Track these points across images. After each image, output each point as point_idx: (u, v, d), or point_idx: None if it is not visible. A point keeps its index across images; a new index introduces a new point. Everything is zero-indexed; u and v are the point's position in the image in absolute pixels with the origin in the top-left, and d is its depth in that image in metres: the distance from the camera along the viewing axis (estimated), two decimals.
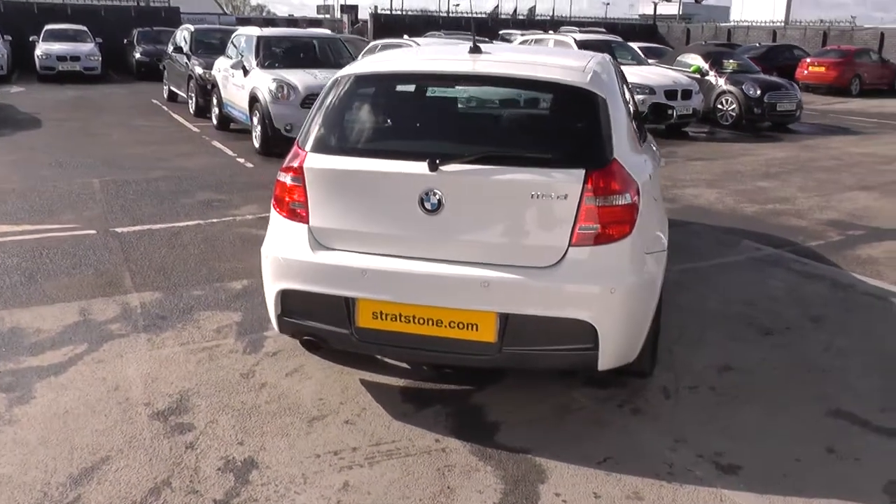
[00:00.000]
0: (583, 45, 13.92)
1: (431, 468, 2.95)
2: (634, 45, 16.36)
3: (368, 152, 3.18)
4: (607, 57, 3.99)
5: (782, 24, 39.07)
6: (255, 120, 9.63)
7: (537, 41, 15.75)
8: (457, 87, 3.65)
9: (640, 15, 61.74)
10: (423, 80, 3.51)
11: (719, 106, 14.47)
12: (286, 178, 3.28)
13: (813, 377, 3.85)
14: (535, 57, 3.87)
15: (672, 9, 55.88)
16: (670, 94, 12.57)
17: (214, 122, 11.65)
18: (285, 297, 3.24)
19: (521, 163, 3.02)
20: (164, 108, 14.39)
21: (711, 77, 15.08)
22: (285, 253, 3.22)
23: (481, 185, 2.98)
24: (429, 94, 3.60)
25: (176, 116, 13.03)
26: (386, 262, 3.06)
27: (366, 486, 2.82)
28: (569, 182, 2.94)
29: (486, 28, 35.08)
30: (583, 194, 2.94)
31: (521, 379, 3.65)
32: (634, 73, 12.43)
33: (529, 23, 40.04)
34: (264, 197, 7.27)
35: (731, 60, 16.17)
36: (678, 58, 17.65)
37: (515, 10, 48.50)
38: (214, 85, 11.49)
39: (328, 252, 3.16)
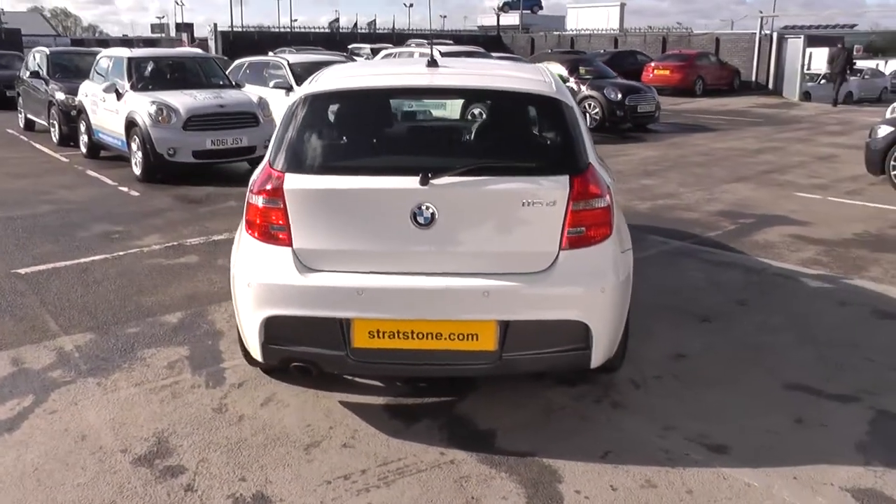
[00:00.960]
0: (446, 55, 14.24)
1: (448, 481, 2.95)
2: (495, 56, 16.94)
3: (352, 169, 3.12)
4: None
5: (616, 31, 41.63)
6: (134, 146, 9.12)
7: (400, 54, 15.91)
8: (428, 101, 3.67)
9: (479, 26, 63.48)
10: (397, 94, 3.50)
11: (583, 111, 15.24)
12: (259, 201, 3.17)
13: (757, 356, 4.17)
14: (494, 69, 3.96)
15: (509, 19, 58.07)
16: None
17: (84, 150, 10.91)
18: (270, 324, 3.12)
19: (509, 172, 3.08)
20: (24, 137, 13.28)
21: (573, 83, 15.82)
22: (268, 278, 3.10)
23: (473, 196, 3.02)
24: (406, 108, 3.59)
25: (39, 146, 12.06)
26: (381, 280, 3.03)
27: None
28: (556, 188, 3.04)
29: (334, 42, 35.02)
30: (569, 199, 3.06)
31: (495, 385, 3.70)
32: None
33: (376, 36, 40.31)
34: (162, 226, 6.94)
35: (588, 67, 17.08)
36: (538, 66, 18.39)
37: (356, 24, 48.63)
38: (81, 111, 10.75)
39: (317, 274, 3.08)
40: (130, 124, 9.04)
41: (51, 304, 4.93)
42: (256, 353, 3.24)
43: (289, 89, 11.44)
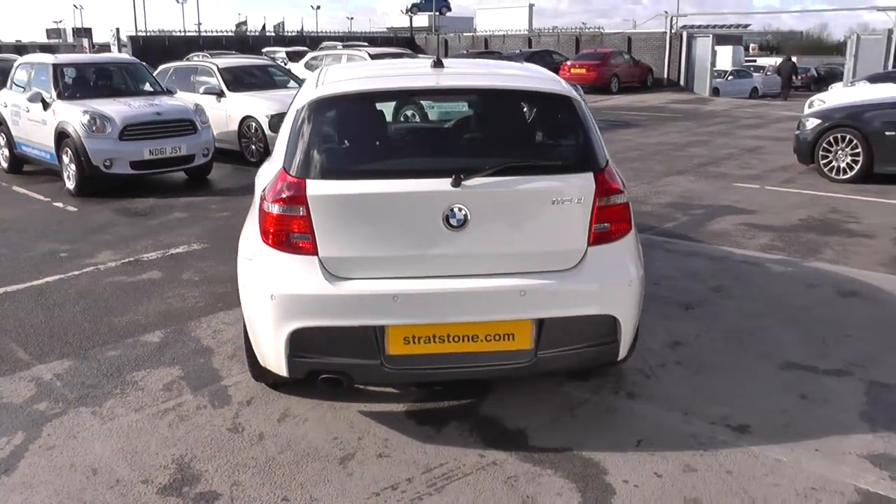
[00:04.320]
0: (376, 57, 14.20)
1: (497, 482, 2.93)
2: (422, 57, 16.98)
3: (379, 173, 3.05)
4: None
5: (529, 31, 42.43)
6: (66, 158, 8.65)
7: (332, 56, 15.70)
8: (446, 102, 3.62)
9: (388, 28, 63.44)
10: (415, 96, 3.44)
11: None
12: (278, 210, 3.05)
13: (747, 339, 4.33)
14: (500, 69, 3.95)
15: (417, 21, 58.32)
16: None
17: (4, 165, 10.27)
18: (297, 336, 3.01)
19: (536, 171, 3.09)
20: None
21: None
22: (295, 289, 2.99)
23: (504, 196, 3.01)
24: (425, 109, 3.54)
25: None
26: (416, 285, 2.98)
27: None
28: (583, 186, 3.07)
29: (247, 46, 34.29)
30: (595, 196, 3.09)
31: (510, 384, 3.70)
32: None
33: (289, 39, 39.71)
34: (112, 242, 6.62)
35: None
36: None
37: (264, 27, 47.75)
38: (1, 122, 10.12)
39: (347, 282, 2.99)
40: (61, 135, 8.56)
41: (13, 331, 4.60)
42: (280, 368, 3.12)
43: (220, 95, 11.14)
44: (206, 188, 9.27)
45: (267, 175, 3.37)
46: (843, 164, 8.75)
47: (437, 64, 3.48)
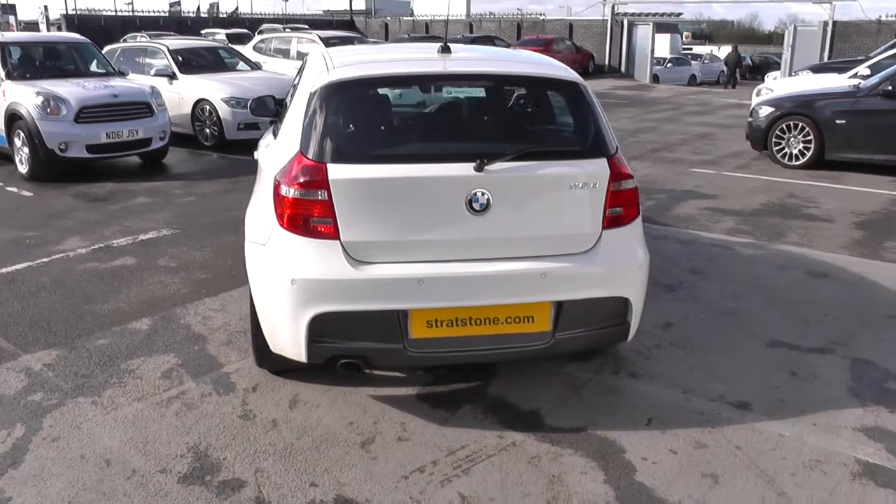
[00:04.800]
0: (328, 42, 14.04)
1: (521, 462, 2.99)
2: (372, 41, 16.85)
3: (401, 157, 3.04)
4: None
5: (463, 16, 42.43)
6: (19, 142, 8.29)
7: (281, 39, 15.42)
8: (459, 87, 3.62)
9: (324, 11, 62.48)
10: (431, 81, 3.43)
11: None
12: (296, 194, 3.01)
13: (732, 319, 4.50)
14: (508, 55, 3.97)
15: (348, 3, 57.65)
16: None
17: None
18: (318, 321, 3.00)
19: (554, 156, 3.14)
20: None
21: None
22: (317, 274, 2.97)
23: (525, 181, 3.05)
24: (445, 95, 3.53)
25: None
26: (440, 268, 3.00)
27: (482, 493, 2.78)
28: (598, 171, 3.14)
29: (186, 27, 33.40)
30: (609, 181, 3.16)
31: (514, 367, 3.77)
32: None
33: (229, 21, 38.81)
34: (77, 228, 6.41)
35: None
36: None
37: (198, 7, 46.50)
38: None
39: (370, 266, 2.99)
40: (12, 118, 8.19)
41: None
42: (299, 354, 3.10)
43: (171, 77, 10.83)
44: (163, 173, 9.02)
45: (276, 158, 3.32)
46: (795, 151, 9.10)
47: (445, 49, 3.48)
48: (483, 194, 2.98)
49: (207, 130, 10.47)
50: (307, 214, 3.00)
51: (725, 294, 4.90)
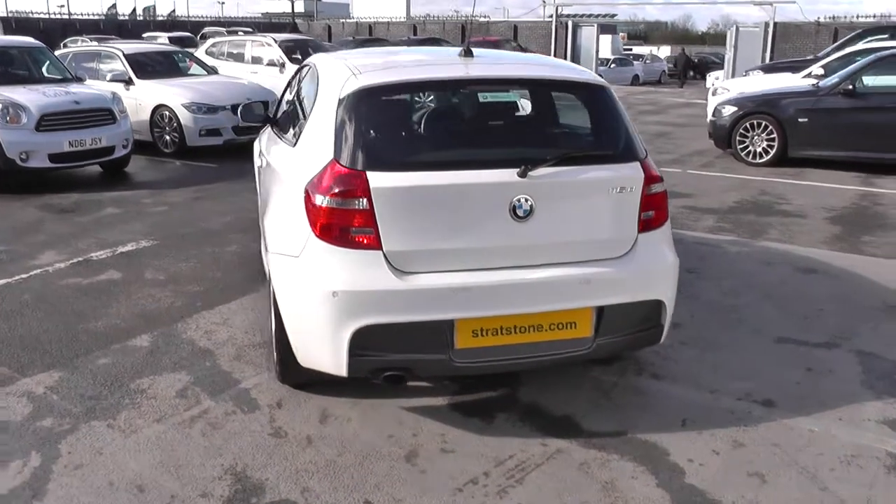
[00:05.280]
0: (285, 45, 13.84)
1: (571, 470, 2.97)
2: (328, 45, 16.68)
3: (443, 164, 2.98)
4: None
5: (404, 18, 42.46)
6: None
7: (235, 44, 15.10)
8: (488, 92, 3.58)
9: (262, 13, 61.77)
10: (463, 86, 3.37)
11: None
12: (335, 203, 2.92)
13: (735, 317, 4.58)
14: (534, 58, 3.95)
15: (287, 6, 57.11)
16: None
17: None
18: (360, 334, 2.92)
19: (592, 161, 3.13)
20: None
21: None
22: (360, 285, 2.89)
23: (567, 186, 3.04)
24: (477, 99, 3.47)
25: None
26: (486, 277, 2.96)
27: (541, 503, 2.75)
28: (634, 175, 3.15)
29: (126, 30, 32.53)
30: (643, 185, 3.18)
31: (536, 372, 3.75)
32: None
33: (171, 24, 37.98)
34: (50, 241, 6.15)
35: None
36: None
37: (134, 10, 45.39)
38: None
39: (415, 276, 2.93)
40: None
41: None
42: (339, 368, 3.01)
43: (128, 82, 10.48)
44: (126, 182, 8.72)
45: (300, 167, 3.23)
46: (759, 149, 9.36)
47: (468, 53, 3.45)
48: (526, 200, 2.95)
49: (167, 137, 10.16)
50: (346, 224, 2.92)
51: (723, 292, 4.99)
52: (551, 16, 33.06)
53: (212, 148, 10.20)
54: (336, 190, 2.91)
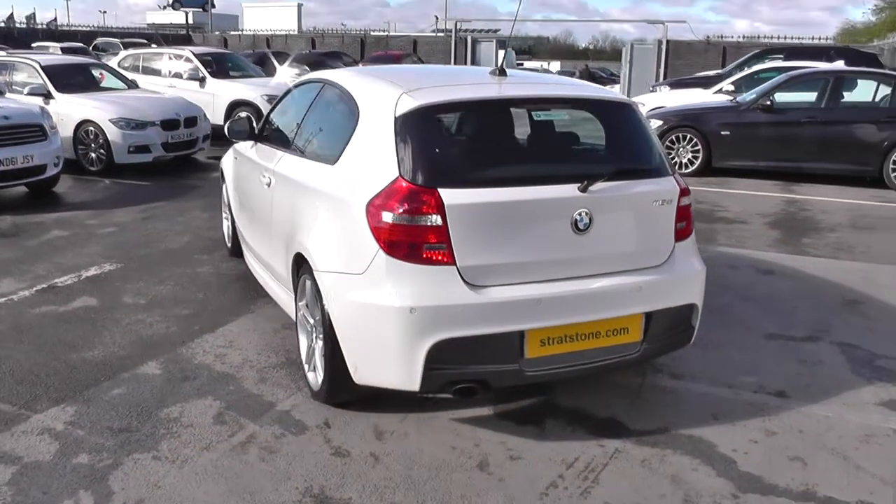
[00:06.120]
0: (206, 58, 13.53)
1: (636, 467, 3.13)
2: (243, 57, 16.35)
3: (510, 181, 3.09)
4: None
5: (295, 31, 42.08)
6: None
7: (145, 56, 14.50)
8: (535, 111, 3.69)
9: (148, 24, 59.69)
10: (514, 105, 3.49)
11: None
12: (406, 220, 2.97)
13: (723, 317, 4.90)
14: (556, 78, 4.10)
15: (179, 17, 55.49)
16: None
17: None
18: (437, 348, 2.98)
19: (639, 175, 3.33)
20: None
21: None
22: (437, 300, 2.95)
23: (620, 199, 3.22)
24: (528, 117, 3.58)
25: None
26: (553, 288, 3.08)
27: (625, 499, 2.90)
28: (672, 187, 3.39)
29: (13, 39, 30.63)
30: (679, 197, 3.41)
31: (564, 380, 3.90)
32: (267, 85, 12.88)
33: (60, 34, 36.06)
34: (1, 268, 5.73)
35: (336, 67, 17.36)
36: (280, 68, 18.33)
37: (11, 17, 42.74)
38: None
39: (488, 290, 3.02)
40: None
41: None
42: (411, 383, 3.05)
43: (47, 96, 9.92)
44: (61, 203, 8.26)
45: (350, 184, 3.26)
46: (685, 160, 9.98)
47: (501, 72, 3.58)
48: (587, 213, 3.11)
49: (93, 155, 9.68)
50: (418, 240, 2.98)
51: (706, 293, 5.31)
52: (442, 31, 33.62)
53: (139, 165, 9.81)
54: (407, 207, 2.96)
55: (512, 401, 3.69)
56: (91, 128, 9.61)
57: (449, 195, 2.97)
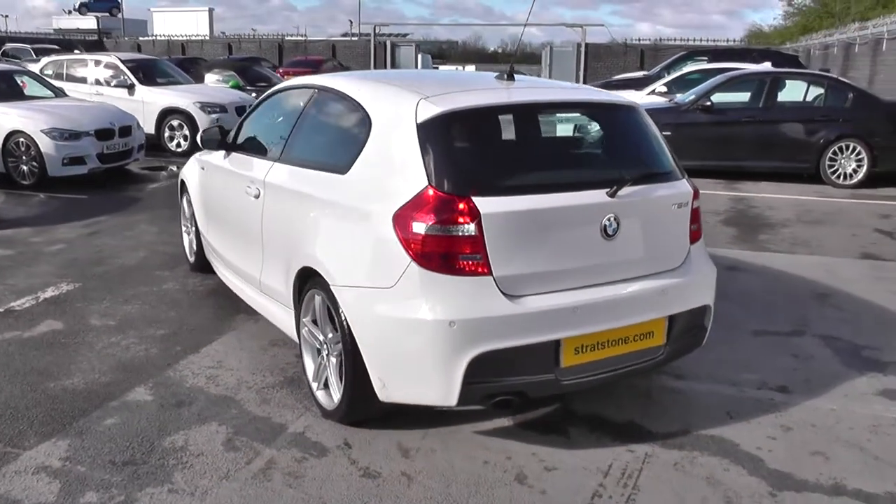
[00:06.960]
0: (132, 64, 13.02)
1: (670, 471, 3.13)
2: (171, 63, 15.80)
3: (542, 188, 3.03)
4: None
5: (207, 37, 41.10)
6: None
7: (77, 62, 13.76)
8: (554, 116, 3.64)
9: (55, 29, 57.27)
10: (537, 110, 3.44)
11: None
12: (440, 231, 2.88)
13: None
14: (560, 83, 4.06)
15: (86, 23, 53.45)
16: (241, 109, 12.75)
17: None
18: (476, 361, 2.90)
19: (658, 179, 3.34)
20: None
21: (255, 91, 15.67)
22: (477, 313, 2.87)
23: (646, 204, 3.22)
24: (548, 122, 3.52)
25: None
26: (587, 295, 3.05)
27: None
28: (687, 190, 3.43)
29: None
30: (693, 199, 3.45)
31: None
32: (199, 92, 12.55)
33: None
34: None
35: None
36: (206, 74, 17.84)
37: None
38: None
39: (524, 299, 2.96)
40: None
41: None
42: (449, 397, 2.96)
43: None
44: None
45: (369, 195, 3.15)
46: None
47: (509, 76, 3.53)
48: (615, 218, 3.10)
49: (25, 168, 9.10)
50: (452, 251, 2.89)
51: None
52: (356, 35, 33.47)
53: (73, 178, 9.30)
54: (440, 216, 2.88)
55: (529, 410, 3.65)
56: (22, 139, 9.03)
57: (484, 203, 2.89)
